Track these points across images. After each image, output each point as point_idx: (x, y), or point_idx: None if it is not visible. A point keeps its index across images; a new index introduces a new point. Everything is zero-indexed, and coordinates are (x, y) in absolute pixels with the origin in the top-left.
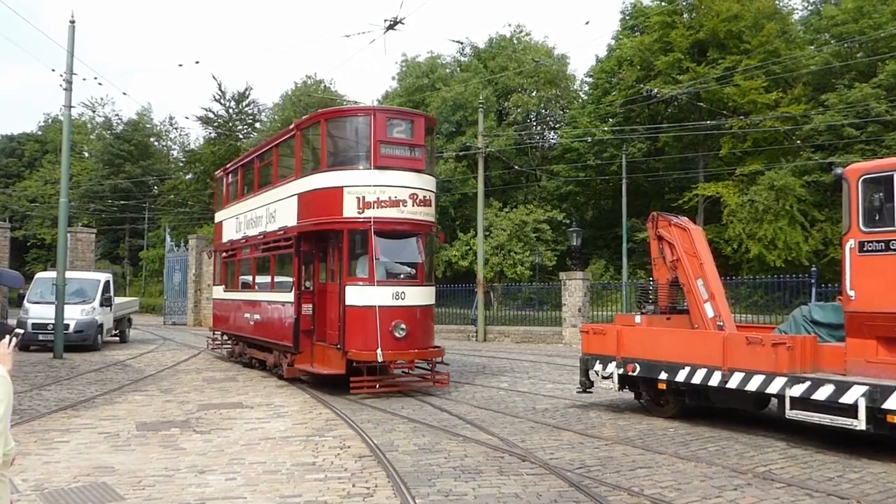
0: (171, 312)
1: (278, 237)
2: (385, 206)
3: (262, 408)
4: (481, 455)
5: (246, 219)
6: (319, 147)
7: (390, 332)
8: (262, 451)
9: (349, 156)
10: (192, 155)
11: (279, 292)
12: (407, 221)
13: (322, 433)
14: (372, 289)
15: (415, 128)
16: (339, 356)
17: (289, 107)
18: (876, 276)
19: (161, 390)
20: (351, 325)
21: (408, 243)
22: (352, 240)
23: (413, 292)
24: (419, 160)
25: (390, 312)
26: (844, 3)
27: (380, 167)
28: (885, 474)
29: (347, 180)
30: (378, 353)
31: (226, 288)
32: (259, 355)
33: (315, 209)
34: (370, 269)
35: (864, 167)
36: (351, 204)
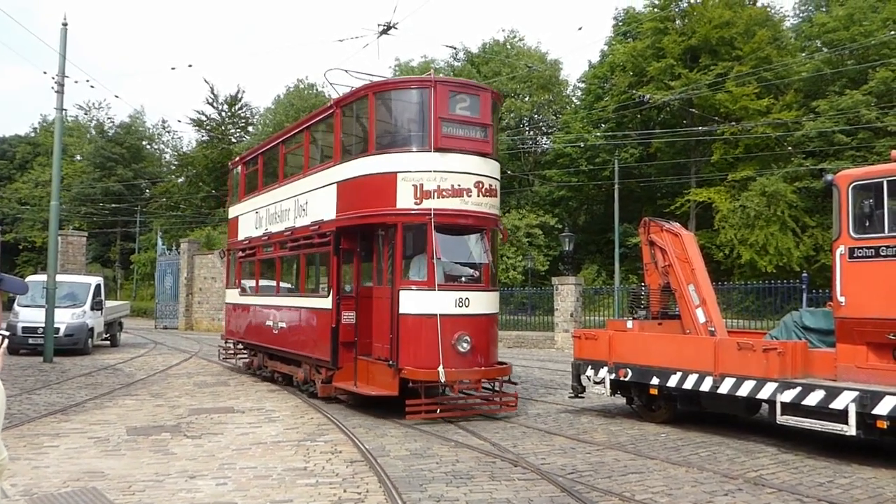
0: (162, 316)
1: (311, 233)
2: (447, 196)
3: (254, 412)
4: (473, 460)
5: (268, 213)
6: (367, 126)
7: (452, 347)
8: (254, 456)
9: (403, 136)
10: (184, 158)
11: (312, 297)
12: (471, 214)
13: (313, 438)
14: (432, 294)
15: (481, 103)
16: (391, 374)
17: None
18: (866, 283)
19: (152, 394)
20: (406, 338)
21: (472, 240)
22: (407, 235)
23: (478, 299)
24: (486, 142)
25: (453, 322)
26: (835, 11)
27: (441, 149)
28: (874, 479)
29: (402, 164)
30: (440, 372)
31: (242, 291)
32: (283, 369)
33: (360, 199)
34: (429, 271)
35: (854, 174)
36: (406, 193)
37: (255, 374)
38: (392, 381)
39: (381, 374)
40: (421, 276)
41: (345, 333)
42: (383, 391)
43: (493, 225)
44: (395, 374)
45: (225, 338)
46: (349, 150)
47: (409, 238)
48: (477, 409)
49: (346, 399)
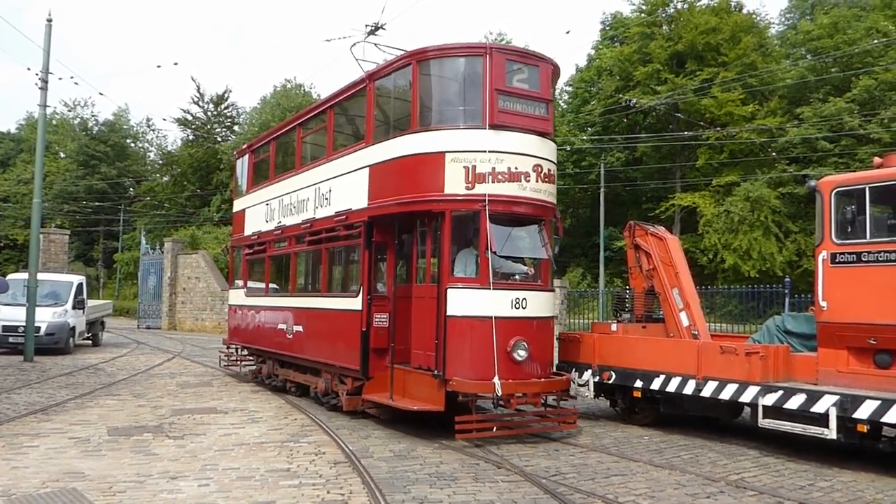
0: (145, 316)
1: (336, 224)
2: (503, 181)
3: (237, 413)
4: (457, 462)
5: (282, 204)
6: (409, 100)
7: (508, 355)
8: (236, 457)
9: (453, 111)
10: (169, 157)
11: (338, 297)
12: (530, 202)
13: (297, 439)
14: (486, 294)
15: (541, 75)
16: (434, 385)
17: (268, 110)
18: (847, 288)
19: (134, 395)
20: (455, 344)
21: (530, 232)
22: (456, 226)
23: (536, 299)
24: (546, 120)
25: (509, 326)
26: (820, 19)
27: (497, 126)
28: (854, 482)
29: (451, 143)
30: (496, 384)
31: (249, 291)
32: (298, 378)
33: (398, 184)
34: (482, 267)
35: (837, 180)
36: (456, 176)
37: (264, 383)
38: (436, 394)
39: (423, 385)
40: (469, 272)
41: (377, 338)
42: (426, 405)
43: (551, 215)
44: (441, 386)
45: (227, 343)
46: (385, 129)
47: (460, 229)
48: (532, 427)
49: (375, 413)
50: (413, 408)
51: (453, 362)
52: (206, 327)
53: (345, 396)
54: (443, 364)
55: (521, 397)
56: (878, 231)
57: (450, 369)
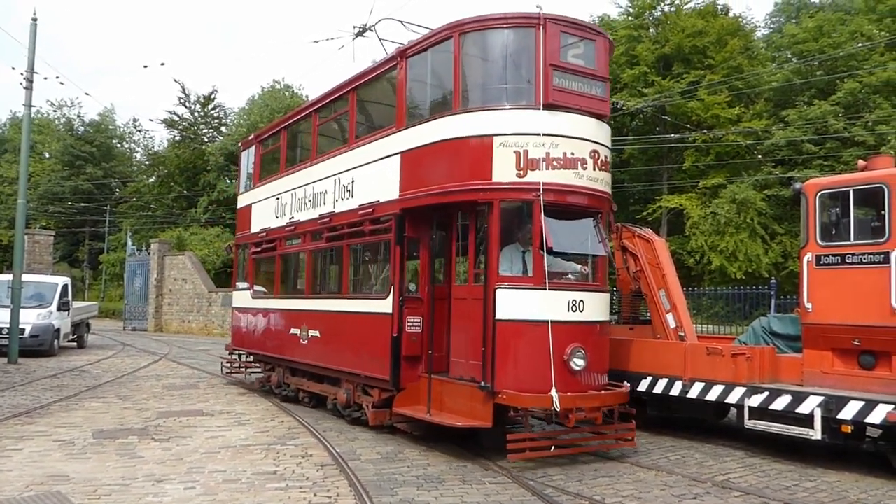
0: (131, 318)
1: (360, 218)
2: (557, 168)
3: (224, 415)
4: (444, 464)
5: (295, 198)
6: (450, 77)
7: (564, 364)
8: (223, 460)
9: (501, 89)
10: (155, 158)
11: (362, 299)
12: (586, 191)
13: (284, 441)
14: (541, 295)
15: (597, 51)
16: (480, 398)
17: (255, 111)
18: (832, 289)
19: (119, 397)
20: (505, 351)
21: (585, 225)
22: (505, 218)
23: (593, 301)
24: (604, 101)
25: (565, 332)
26: (805, 23)
27: (551, 106)
28: (839, 483)
29: (500, 125)
30: (553, 397)
31: (256, 293)
32: (314, 388)
33: (437, 172)
34: (536, 265)
35: (821, 182)
36: (505, 162)
37: (273, 392)
38: (482, 408)
39: (465, 398)
40: (520, 270)
41: (409, 345)
42: (472, 421)
43: (608, 207)
44: (488, 399)
45: (231, 348)
46: (419, 112)
47: (510, 221)
48: (588, 445)
49: (406, 429)
50: (456, 424)
51: (503, 372)
52: (193, 329)
53: (370, 409)
54: (491, 374)
55: (579, 412)
56: (862, 233)
57: (499, 380)
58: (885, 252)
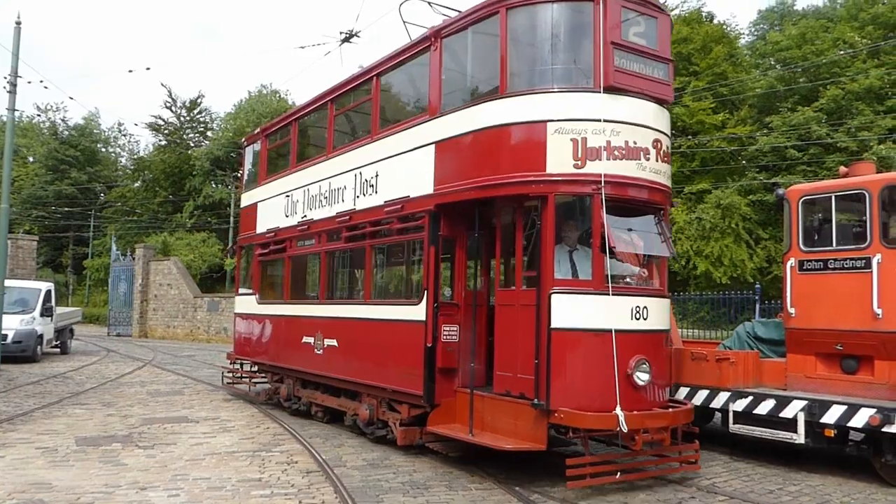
0: (115, 323)
1: (387, 216)
2: (619, 158)
3: (208, 422)
4: (430, 470)
5: (308, 195)
6: (497, 57)
7: (628, 378)
8: (207, 467)
9: (556, 70)
10: (140, 162)
11: (389, 305)
12: (649, 185)
13: (269, 448)
14: (603, 301)
15: (660, 31)
16: (531, 417)
17: (242, 115)
18: (814, 294)
19: (103, 403)
20: (563, 365)
21: (646, 223)
22: (561, 214)
23: (656, 308)
24: (667, 85)
25: (629, 342)
26: (788, 30)
27: (613, 89)
28: (822, 486)
29: (556, 110)
30: (619, 416)
31: (262, 297)
32: (330, 402)
33: (480, 163)
34: (597, 267)
35: (804, 189)
36: (561, 151)
37: (282, 406)
38: (535, 429)
39: (513, 416)
40: (576, 272)
41: (445, 356)
42: (523, 443)
43: (669, 203)
44: (542, 419)
45: (233, 357)
46: (458, 97)
47: (566, 217)
48: (653, 469)
49: (440, 449)
50: (506, 446)
51: (560, 388)
52: (178, 335)
53: (398, 427)
54: (546, 390)
55: (646, 433)
56: (844, 239)
57: (555, 397)
58: (867, 257)
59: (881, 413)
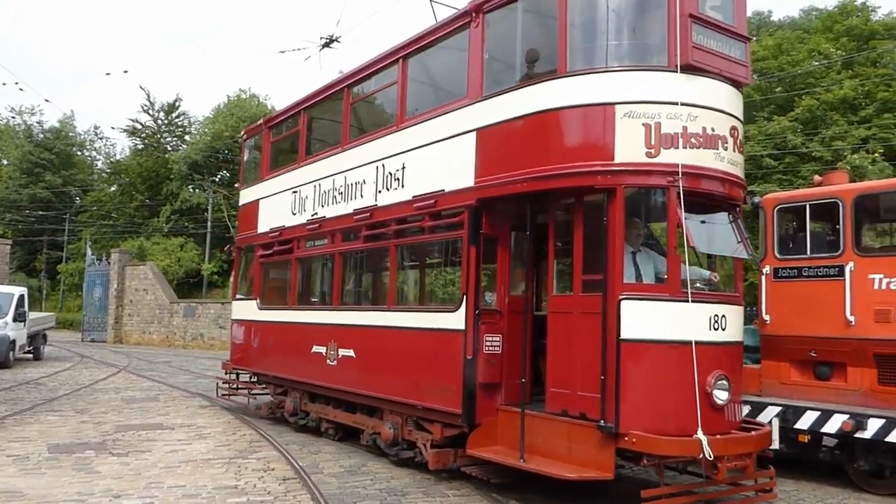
0: (90, 329)
1: (416, 213)
2: (696, 147)
3: (184, 429)
4: (407, 477)
5: (319, 190)
6: (552, 31)
7: (707, 396)
8: (183, 474)
9: (624, 46)
10: (117, 166)
11: (419, 311)
12: (726, 177)
13: (245, 455)
14: (681, 309)
15: (737, 4)
16: (596, 441)
17: (221, 119)
18: (789, 302)
19: (76, 410)
20: (635, 381)
21: (721, 220)
22: (632, 209)
23: (733, 317)
24: (745, 66)
25: (707, 356)
26: (765, 41)
27: (690, 69)
28: (796, 491)
29: (625, 91)
30: (702, 441)
31: (264, 303)
32: (343, 418)
33: (533, 152)
34: (672, 270)
35: (779, 197)
36: (632, 137)
37: (286, 421)
38: (599, 454)
39: (570, 439)
40: (629, 276)
41: (487, 370)
42: (587, 471)
43: (743, 199)
44: (609, 442)
45: (229, 367)
46: (504, 78)
47: (638, 212)
48: (731, 500)
49: (479, 475)
50: (568, 475)
51: (632, 408)
52: (154, 341)
53: (429, 450)
54: (614, 410)
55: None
56: (818, 247)
57: (626, 419)
58: (840, 265)
59: (854, 419)
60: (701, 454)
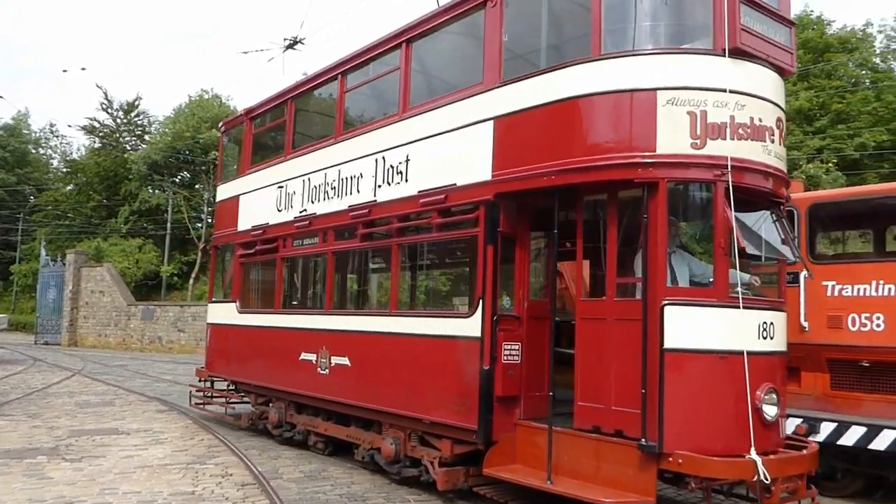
0: (43, 331)
1: (422, 209)
2: (744, 138)
3: (140, 434)
4: (368, 482)
5: (309, 185)
6: (585, 9)
7: (757, 412)
8: (138, 480)
9: (665, 27)
10: (74, 165)
11: (427, 316)
12: (773, 172)
13: (203, 460)
14: (728, 315)
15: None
16: (636, 462)
17: (182, 120)
18: None
19: (28, 415)
20: (680, 396)
21: (764, 220)
22: (677, 205)
23: (781, 325)
24: (791, 53)
25: (756, 367)
26: None
27: (738, 53)
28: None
29: (668, 75)
30: (756, 462)
31: (245, 306)
32: (334, 431)
33: (563, 142)
34: (719, 273)
35: None
36: (676, 126)
37: (269, 433)
38: (638, 476)
39: (607, 460)
40: (693, 277)
41: (506, 381)
42: (627, 496)
43: (786, 196)
44: (650, 463)
45: (205, 375)
46: (526, 62)
47: (682, 209)
48: None
49: (495, 496)
50: (605, 500)
51: (677, 426)
52: (111, 344)
53: (437, 468)
54: (657, 428)
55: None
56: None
57: (670, 437)
58: (795, 272)
59: (807, 423)
60: (755, 476)
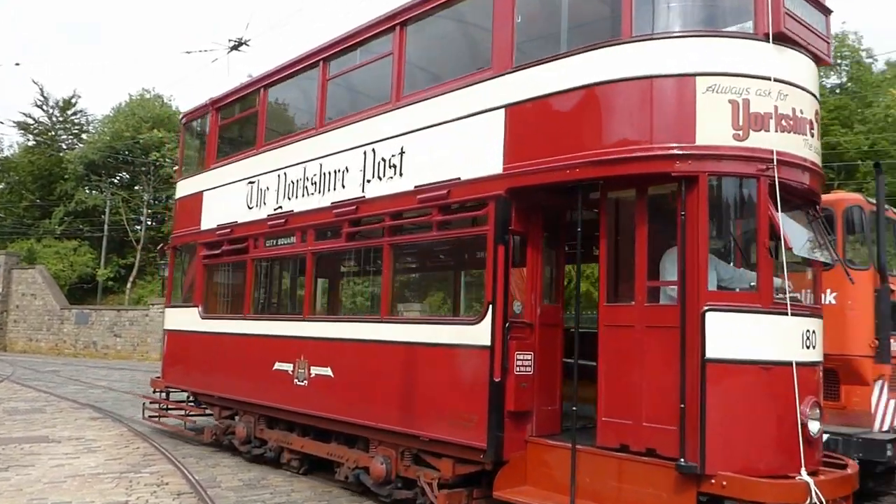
0: None
1: (421, 205)
2: (787, 130)
3: (72, 442)
4: (308, 490)
5: (285, 180)
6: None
7: (804, 428)
8: (69, 490)
9: (702, 7)
10: (5, 163)
11: (427, 323)
12: (812, 168)
13: (138, 469)
14: (773, 322)
15: None
16: (672, 485)
17: (121, 119)
18: None
19: None
20: (724, 411)
21: (801, 219)
22: (718, 202)
23: (820, 332)
24: (827, 41)
25: (804, 379)
26: None
27: (782, 39)
28: None
29: (708, 60)
30: (809, 484)
31: (209, 311)
32: (313, 448)
33: (588, 132)
34: (763, 276)
35: None
36: (717, 116)
37: (235, 449)
38: (677, 500)
39: (637, 482)
40: (735, 280)
41: (519, 395)
42: None
43: (821, 194)
44: (690, 486)
45: (161, 386)
46: (542, 45)
47: (724, 207)
48: None
49: None
50: None
51: (720, 444)
52: (42, 348)
53: (436, 491)
54: (699, 447)
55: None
56: None
57: (713, 456)
58: None
59: None
60: (808, 500)
